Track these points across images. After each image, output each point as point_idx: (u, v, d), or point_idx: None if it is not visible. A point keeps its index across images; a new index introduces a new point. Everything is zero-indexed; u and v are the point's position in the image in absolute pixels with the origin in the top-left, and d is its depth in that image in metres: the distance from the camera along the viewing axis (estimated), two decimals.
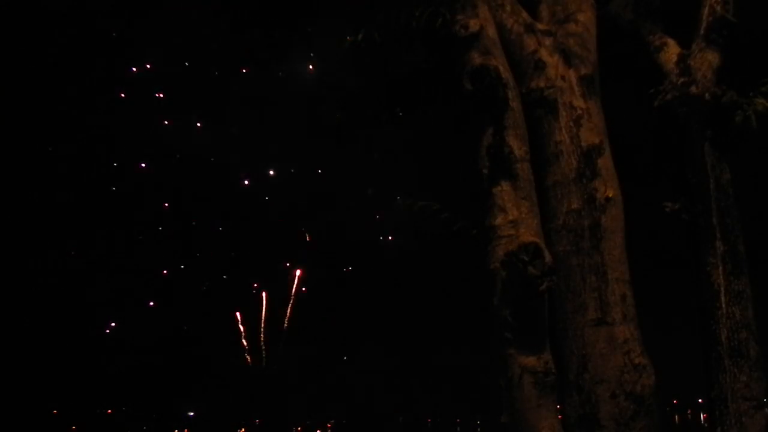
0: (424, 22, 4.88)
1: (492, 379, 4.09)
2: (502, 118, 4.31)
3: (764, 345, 4.56)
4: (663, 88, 4.98)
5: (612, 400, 4.05)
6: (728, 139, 4.84)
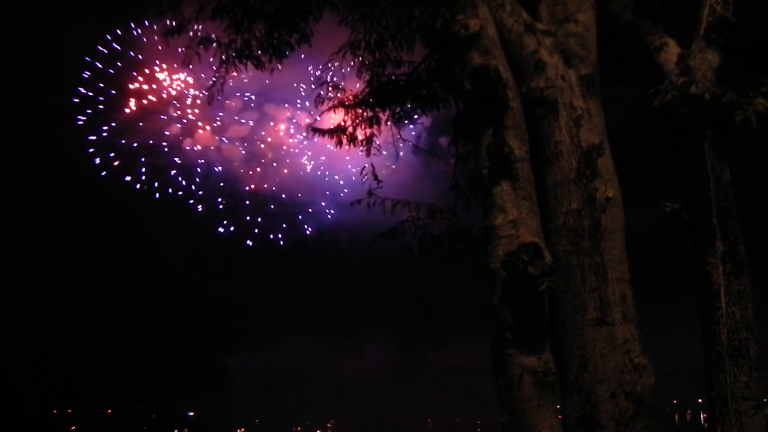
0: (424, 22, 4.88)
1: (492, 379, 4.09)
2: (502, 118, 4.31)
3: (764, 345, 4.56)
4: (663, 88, 4.97)
5: (612, 400, 4.05)
6: (728, 139, 4.84)
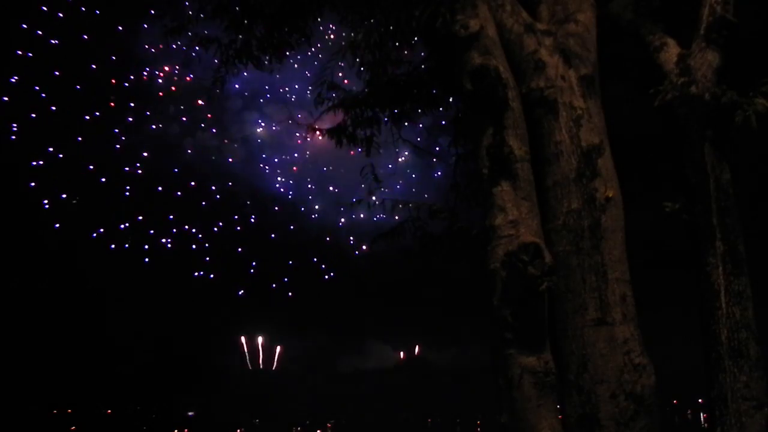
0: (424, 22, 4.88)
1: (492, 379, 4.09)
2: (502, 118, 4.31)
3: (764, 345, 4.56)
4: (663, 88, 4.97)
5: (612, 400, 4.05)
6: (728, 139, 4.84)
